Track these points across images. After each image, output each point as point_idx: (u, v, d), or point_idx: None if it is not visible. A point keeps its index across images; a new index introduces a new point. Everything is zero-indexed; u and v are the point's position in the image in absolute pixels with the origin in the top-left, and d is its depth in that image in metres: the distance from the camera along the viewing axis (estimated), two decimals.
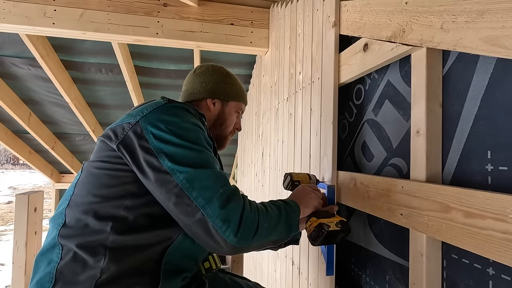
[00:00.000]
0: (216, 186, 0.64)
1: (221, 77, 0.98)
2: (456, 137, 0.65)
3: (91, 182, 0.70)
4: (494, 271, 0.57)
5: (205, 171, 0.66)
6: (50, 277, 0.63)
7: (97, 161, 0.71)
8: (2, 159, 26.34)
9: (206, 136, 0.75)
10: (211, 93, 0.95)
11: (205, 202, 0.62)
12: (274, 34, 1.90)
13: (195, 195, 0.62)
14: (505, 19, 0.48)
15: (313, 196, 0.87)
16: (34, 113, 2.88)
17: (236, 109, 1.00)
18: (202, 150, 0.69)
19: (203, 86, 0.95)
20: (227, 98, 0.97)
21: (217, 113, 0.96)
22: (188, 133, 0.69)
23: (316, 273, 1.12)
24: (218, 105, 0.96)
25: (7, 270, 5.19)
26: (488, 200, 0.51)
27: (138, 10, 1.85)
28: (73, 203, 0.70)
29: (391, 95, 0.87)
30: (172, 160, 0.65)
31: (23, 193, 1.51)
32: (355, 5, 0.93)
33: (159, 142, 0.66)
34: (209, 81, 0.96)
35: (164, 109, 0.72)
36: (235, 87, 1.00)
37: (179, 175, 0.64)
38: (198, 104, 0.95)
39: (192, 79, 0.98)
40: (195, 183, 0.63)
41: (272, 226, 0.69)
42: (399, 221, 0.73)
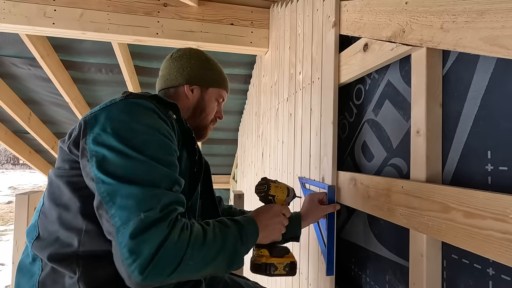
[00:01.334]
0: (139, 209, 0.53)
1: (199, 62, 0.90)
2: (456, 137, 0.65)
3: (54, 192, 0.66)
4: (494, 271, 0.57)
5: (132, 187, 0.54)
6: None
7: (58, 168, 0.67)
8: (2, 159, 26.35)
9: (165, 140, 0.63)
10: (188, 80, 0.87)
11: (121, 223, 0.52)
12: (274, 34, 1.90)
13: (113, 212, 0.53)
14: (505, 19, 0.48)
15: (278, 227, 0.78)
16: (34, 113, 2.88)
17: (216, 96, 0.92)
18: (144, 160, 0.58)
19: (180, 72, 0.88)
20: (206, 85, 0.89)
21: (195, 101, 0.89)
22: (135, 136, 0.59)
23: (316, 273, 1.12)
24: (197, 92, 0.89)
25: (7, 270, 5.19)
26: (488, 200, 0.51)
27: (138, 10, 1.85)
28: (43, 215, 0.66)
29: (391, 95, 0.87)
30: (100, 167, 0.56)
31: (23, 193, 1.51)
32: (355, 5, 0.93)
33: (96, 144, 0.58)
34: (187, 66, 0.88)
35: (118, 106, 0.64)
36: (215, 72, 0.92)
37: (101, 185, 0.55)
38: (176, 92, 0.88)
39: (168, 64, 0.91)
40: (116, 198, 0.54)
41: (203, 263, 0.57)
42: (399, 221, 0.72)
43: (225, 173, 4.51)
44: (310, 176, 1.20)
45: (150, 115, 0.65)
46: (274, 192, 0.85)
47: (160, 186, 0.58)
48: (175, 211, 0.57)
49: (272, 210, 0.80)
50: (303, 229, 0.96)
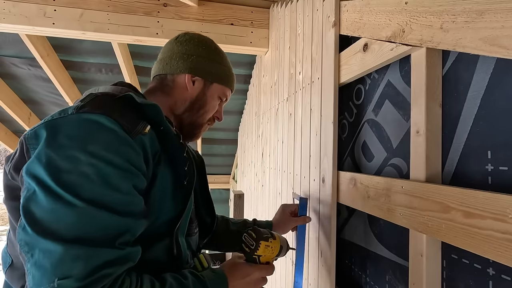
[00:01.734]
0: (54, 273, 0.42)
1: (208, 51, 0.79)
2: (456, 137, 0.65)
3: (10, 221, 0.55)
4: (494, 271, 0.57)
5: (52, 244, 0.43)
6: None
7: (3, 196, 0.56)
8: (2, 159, 26.36)
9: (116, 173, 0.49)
10: (192, 69, 0.75)
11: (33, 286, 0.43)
12: (274, 34, 1.90)
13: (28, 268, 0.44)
14: (505, 19, 0.48)
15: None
16: (34, 113, 2.88)
17: (219, 94, 0.81)
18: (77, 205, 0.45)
19: (184, 58, 0.76)
20: (211, 79, 0.78)
21: (195, 94, 0.77)
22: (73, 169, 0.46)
23: (316, 273, 1.12)
24: (199, 84, 0.77)
25: None
26: (488, 200, 0.51)
27: (138, 10, 1.85)
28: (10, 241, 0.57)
29: (391, 95, 0.87)
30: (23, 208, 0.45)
31: None
32: (355, 5, 0.93)
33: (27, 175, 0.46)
34: (193, 53, 0.76)
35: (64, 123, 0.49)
36: (223, 67, 0.81)
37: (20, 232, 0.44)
38: (174, 80, 0.76)
39: (171, 47, 0.79)
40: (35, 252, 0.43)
41: None
42: (399, 221, 0.72)
43: (225, 173, 4.52)
44: (310, 176, 1.20)
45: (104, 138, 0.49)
46: (262, 252, 0.73)
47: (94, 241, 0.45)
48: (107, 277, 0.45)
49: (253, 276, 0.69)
50: None
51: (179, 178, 0.65)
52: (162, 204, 0.61)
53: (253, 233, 0.74)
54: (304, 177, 1.27)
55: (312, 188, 1.17)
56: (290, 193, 1.47)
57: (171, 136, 0.63)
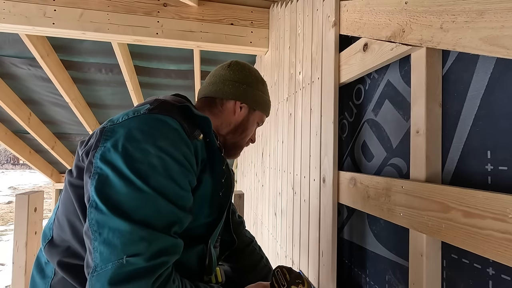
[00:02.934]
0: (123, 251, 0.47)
1: (256, 82, 0.87)
2: (456, 137, 0.65)
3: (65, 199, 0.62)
4: (494, 271, 0.57)
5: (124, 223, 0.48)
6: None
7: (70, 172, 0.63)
8: (2, 159, 26.35)
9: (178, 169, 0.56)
10: (241, 97, 0.83)
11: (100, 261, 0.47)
12: (274, 34, 1.90)
13: (96, 245, 0.48)
14: (504, 19, 0.48)
15: None
16: (34, 113, 2.88)
17: (258, 120, 0.91)
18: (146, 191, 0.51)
19: (236, 86, 0.83)
20: (255, 107, 0.86)
21: (240, 120, 0.85)
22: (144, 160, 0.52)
23: (316, 273, 1.12)
24: (245, 111, 0.85)
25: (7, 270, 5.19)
26: (487, 200, 0.51)
27: (138, 10, 1.85)
28: (57, 219, 0.64)
29: (391, 95, 0.87)
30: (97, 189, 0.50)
31: (23, 193, 1.51)
32: (355, 5, 0.93)
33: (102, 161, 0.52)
34: (244, 83, 0.84)
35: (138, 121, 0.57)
36: (265, 96, 0.90)
37: (92, 210, 0.50)
38: (223, 104, 0.83)
39: (224, 73, 0.85)
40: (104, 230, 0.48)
41: None
42: (399, 221, 0.73)
43: None
44: (310, 176, 1.20)
45: (170, 136, 0.57)
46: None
47: (155, 226, 0.50)
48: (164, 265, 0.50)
49: None
50: (303, 228, 0.96)
51: (216, 189, 0.70)
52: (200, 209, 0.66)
53: (287, 273, 0.76)
54: (304, 177, 1.27)
55: (312, 188, 1.18)
56: (290, 193, 1.47)
57: (214, 148, 0.70)
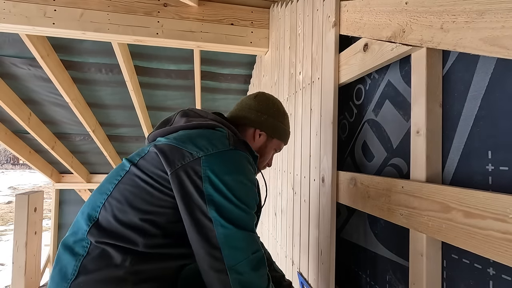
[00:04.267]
0: (249, 250, 0.66)
1: (277, 113, 0.96)
2: (457, 137, 0.65)
3: (133, 192, 0.70)
4: (495, 271, 0.57)
5: (244, 233, 0.67)
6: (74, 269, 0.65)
7: (145, 173, 0.71)
8: (2, 159, 26.33)
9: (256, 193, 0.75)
10: (261, 126, 0.94)
11: (235, 263, 0.64)
12: (274, 34, 1.90)
13: (227, 253, 0.64)
14: (505, 19, 0.48)
15: None
16: (34, 113, 2.88)
17: (276, 147, 0.99)
18: (248, 211, 0.70)
19: (258, 116, 0.94)
20: (273, 135, 0.96)
21: (259, 146, 0.95)
22: (242, 190, 0.69)
23: (316, 273, 1.12)
24: (263, 138, 0.95)
25: (7, 270, 5.19)
26: (488, 200, 0.51)
27: (138, 10, 1.85)
28: (109, 204, 0.70)
29: (391, 95, 0.87)
30: (219, 212, 0.66)
31: (23, 193, 1.51)
32: (355, 5, 0.93)
33: (213, 190, 0.67)
34: (265, 113, 0.94)
35: (230, 157, 0.72)
36: (285, 128, 0.98)
37: (220, 228, 0.65)
38: (244, 130, 0.94)
39: (250, 103, 0.96)
40: (231, 241, 0.65)
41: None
42: (399, 221, 0.73)
43: None
44: (310, 176, 1.20)
45: (250, 170, 0.75)
46: None
47: (255, 232, 0.71)
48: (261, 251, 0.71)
49: None
50: (303, 228, 0.96)
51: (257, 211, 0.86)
52: None
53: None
54: (304, 177, 1.27)
55: (312, 188, 1.18)
56: (290, 193, 1.47)
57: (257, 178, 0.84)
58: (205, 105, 2.94)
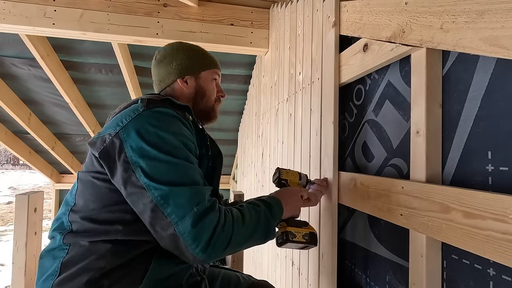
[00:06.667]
0: (191, 204, 0.64)
1: (181, 53, 0.92)
2: (456, 138, 0.65)
3: (91, 193, 0.72)
4: (495, 272, 0.57)
5: (180, 188, 0.65)
6: (55, 269, 0.68)
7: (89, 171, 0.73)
8: (2, 159, 26.34)
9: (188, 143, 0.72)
10: (179, 73, 0.91)
11: (178, 219, 0.63)
12: (274, 35, 1.90)
13: (169, 211, 0.63)
14: (504, 19, 0.48)
15: (296, 204, 0.89)
16: (34, 114, 2.88)
17: (211, 77, 0.95)
18: (180, 163, 0.68)
19: (167, 69, 0.91)
20: (196, 71, 0.92)
21: (193, 90, 0.92)
22: (166, 143, 0.68)
23: (316, 274, 1.12)
24: (191, 81, 0.91)
25: (7, 271, 5.19)
26: (488, 200, 0.51)
27: (138, 10, 1.85)
28: (74, 213, 0.73)
29: (391, 96, 0.87)
30: (148, 176, 0.65)
31: (23, 194, 1.51)
32: (355, 6, 0.93)
33: (137, 156, 0.66)
34: (171, 62, 0.91)
35: (143, 117, 0.70)
36: (199, 57, 0.94)
37: (154, 191, 0.64)
38: (172, 89, 0.92)
39: (155, 68, 0.94)
40: (169, 200, 0.64)
41: (246, 236, 0.71)
42: (399, 221, 0.72)
43: (225, 174, 4.51)
44: (310, 176, 1.20)
45: (174, 122, 0.72)
46: (285, 176, 0.96)
47: (198, 182, 0.68)
48: (216, 201, 0.69)
49: (290, 190, 0.92)
50: None
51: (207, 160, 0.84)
52: None
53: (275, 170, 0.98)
54: None
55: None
56: None
57: (197, 127, 0.84)
58: None
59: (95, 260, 0.67)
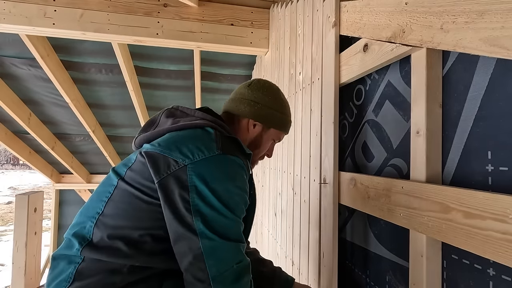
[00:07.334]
0: (233, 261, 0.65)
1: (273, 101, 0.90)
2: (456, 138, 0.65)
3: (126, 209, 0.68)
4: (495, 272, 0.57)
5: (229, 244, 0.65)
6: (69, 276, 0.65)
7: (135, 187, 0.69)
8: (2, 159, 26.33)
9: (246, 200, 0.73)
10: (255, 116, 0.88)
11: (218, 274, 0.63)
12: (274, 35, 1.90)
13: (211, 264, 0.63)
14: (504, 20, 0.48)
15: None
16: (34, 114, 2.88)
17: (274, 137, 0.93)
18: (236, 220, 0.68)
19: (251, 105, 0.87)
20: (268, 125, 0.90)
21: (254, 137, 0.90)
22: (231, 199, 0.67)
23: (316, 274, 1.12)
24: (258, 128, 0.89)
25: (7, 271, 5.19)
26: (488, 200, 0.51)
27: (138, 10, 1.85)
28: (101, 223, 0.68)
29: (391, 96, 0.87)
30: (205, 224, 0.64)
31: (23, 194, 1.51)
32: (355, 6, 0.93)
33: (199, 200, 0.65)
34: (259, 102, 0.88)
35: (217, 163, 0.68)
36: (283, 115, 0.92)
37: (205, 240, 0.63)
38: (239, 121, 0.89)
39: (244, 91, 0.90)
40: (216, 253, 0.63)
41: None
42: (399, 221, 0.72)
43: None
44: (310, 177, 1.20)
45: (241, 175, 0.72)
46: None
47: (242, 240, 0.69)
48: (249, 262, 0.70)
49: None
50: (303, 229, 0.96)
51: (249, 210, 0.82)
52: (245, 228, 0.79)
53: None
54: (304, 178, 1.27)
55: (312, 188, 1.17)
56: (291, 194, 1.47)
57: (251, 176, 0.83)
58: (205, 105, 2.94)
59: (111, 275, 0.65)
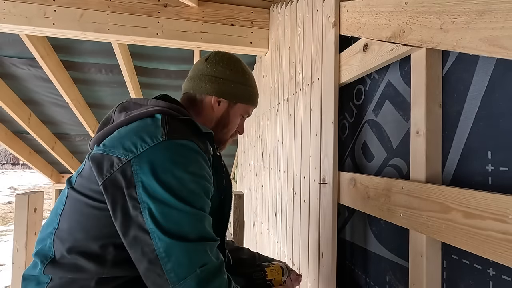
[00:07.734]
0: (195, 264, 0.56)
1: (234, 74, 0.83)
2: (456, 138, 0.65)
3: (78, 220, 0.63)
4: (495, 272, 0.57)
5: (187, 244, 0.57)
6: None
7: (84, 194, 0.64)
8: (2, 159, 26.34)
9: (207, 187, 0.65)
10: (218, 92, 0.81)
11: (177, 279, 0.55)
12: (274, 35, 1.90)
13: (169, 268, 0.56)
14: (504, 20, 0.48)
15: None
16: (34, 114, 2.88)
17: (242, 112, 0.87)
18: (194, 213, 0.60)
19: (212, 80, 0.80)
20: (235, 100, 0.83)
21: (220, 114, 0.83)
22: (184, 187, 0.59)
23: (316, 273, 1.12)
24: (224, 105, 0.82)
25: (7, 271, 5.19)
26: (487, 200, 0.51)
27: (138, 10, 1.85)
28: (58, 239, 0.64)
29: (391, 96, 0.87)
30: (155, 222, 0.57)
31: (23, 193, 1.50)
32: (355, 6, 0.93)
33: (147, 195, 0.57)
34: (220, 76, 0.81)
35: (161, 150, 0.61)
36: (248, 87, 0.85)
37: (158, 241, 0.56)
38: (202, 100, 0.82)
39: (202, 67, 0.83)
40: (172, 255, 0.56)
41: None
42: (399, 221, 0.72)
43: None
44: (310, 177, 1.20)
45: (196, 159, 0.63)
46: (270, 276, 0.90)
47: (209, 237, 0.61)
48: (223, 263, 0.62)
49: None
50: (303, 229, 0.96)
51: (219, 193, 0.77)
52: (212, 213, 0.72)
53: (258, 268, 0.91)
54: (304, 178, 1.27)
55: (312, 188, 1.17)
56: (290, 194, 1.47)
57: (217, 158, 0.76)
58: None
59: None
